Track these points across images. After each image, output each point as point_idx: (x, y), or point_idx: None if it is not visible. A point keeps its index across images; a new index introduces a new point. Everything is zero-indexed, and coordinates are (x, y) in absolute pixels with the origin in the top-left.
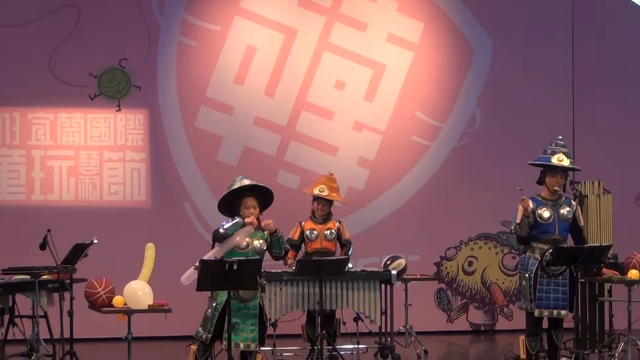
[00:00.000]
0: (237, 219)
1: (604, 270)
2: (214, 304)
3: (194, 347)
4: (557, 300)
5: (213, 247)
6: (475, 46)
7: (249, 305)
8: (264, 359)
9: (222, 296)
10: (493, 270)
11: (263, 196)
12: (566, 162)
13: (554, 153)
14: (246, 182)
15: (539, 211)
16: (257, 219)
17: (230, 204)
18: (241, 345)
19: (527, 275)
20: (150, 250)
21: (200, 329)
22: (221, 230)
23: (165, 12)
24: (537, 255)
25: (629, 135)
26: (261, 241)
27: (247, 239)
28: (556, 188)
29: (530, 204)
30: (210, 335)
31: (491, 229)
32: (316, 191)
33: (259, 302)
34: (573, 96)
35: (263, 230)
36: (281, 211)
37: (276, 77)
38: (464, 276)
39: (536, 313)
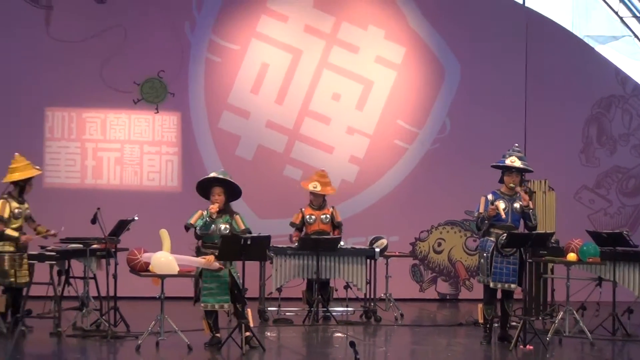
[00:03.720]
0: (198, 210)
1: None
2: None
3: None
4: (508, 276)
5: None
6: (446, 67)
7: (220, 274)
8: (264, 316)
9: (199, 269)
10: (458, 250)
11: (232, 188)
12: (517, 163)
13: (508, 156)
14: (212, 175)
15: (496, 203)
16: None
17: (204, 190)
18: (216, 305)
19: (485, 254)
20: (163, 233)
21: None
22: (187, 224)
23: (195, 33)
24: (493, 239)
25: (571, 143)
26: (227, 225)
27: (213, 226)
28: (512, 185)
29: (502, 205)
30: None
31: (457, 216)
32: (310, 188)
33: (230, 272)
34: (525, 109)
35: (229, 215)
36: (286, 199)
37: (285, 89)
38: (434, 254)
39: (491, 285)
